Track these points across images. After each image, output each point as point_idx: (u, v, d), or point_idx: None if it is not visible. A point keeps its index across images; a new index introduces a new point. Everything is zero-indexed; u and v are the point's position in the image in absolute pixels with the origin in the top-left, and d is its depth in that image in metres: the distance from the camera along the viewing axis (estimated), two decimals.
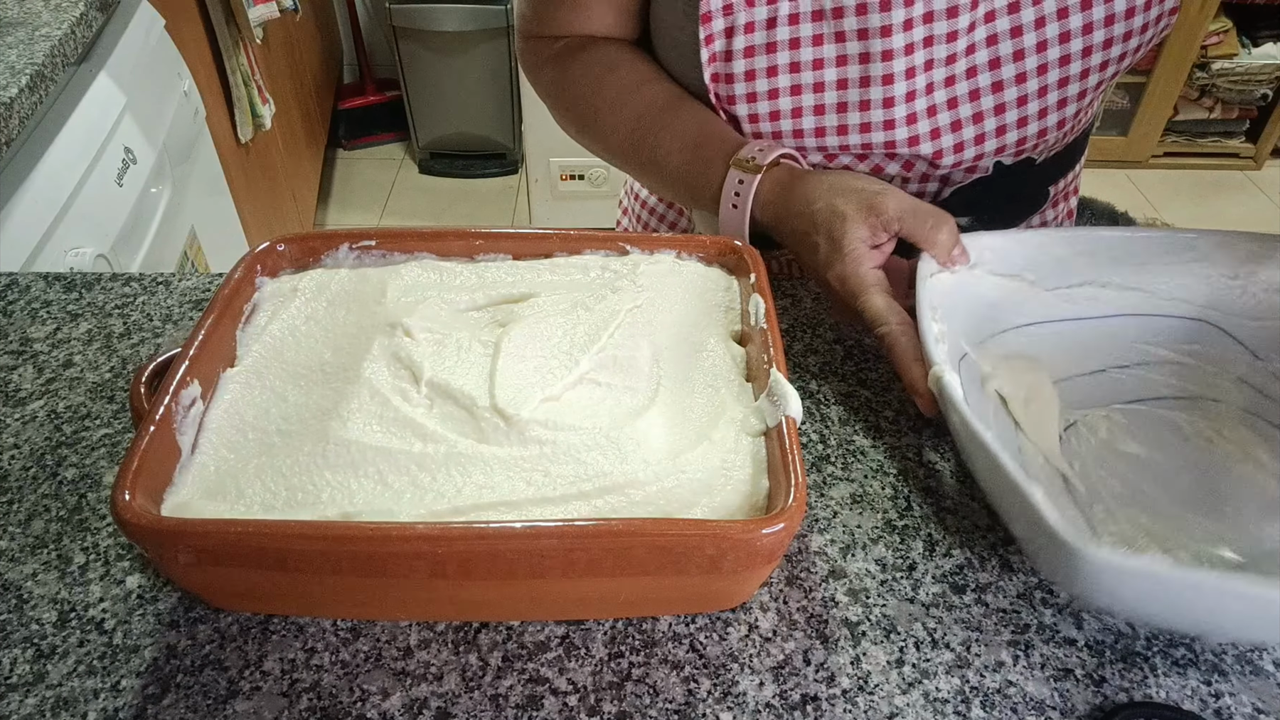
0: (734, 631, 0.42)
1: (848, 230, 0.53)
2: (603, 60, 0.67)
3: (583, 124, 0.69)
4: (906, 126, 0.60)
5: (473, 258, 0.53)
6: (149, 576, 0.44)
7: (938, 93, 0.60)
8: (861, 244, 0.53)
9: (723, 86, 0.61)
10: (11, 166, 0.91)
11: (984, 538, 0.47)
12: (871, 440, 0.52)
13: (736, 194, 0.59)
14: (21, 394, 0.54)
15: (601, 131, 0.68)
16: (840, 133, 0.61)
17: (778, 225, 0.58)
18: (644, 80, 0.66)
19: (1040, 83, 0.60)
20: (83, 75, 1.08)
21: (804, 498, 0.37)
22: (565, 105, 0.70)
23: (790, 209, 0.57)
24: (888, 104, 0.59)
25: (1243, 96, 2.56)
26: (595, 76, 0.67)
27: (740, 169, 0.59)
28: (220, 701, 0.39)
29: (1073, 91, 0.61)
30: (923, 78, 0.59)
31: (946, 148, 0.61)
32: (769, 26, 0.58)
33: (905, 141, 0.61)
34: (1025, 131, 0.62)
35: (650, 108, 0.64)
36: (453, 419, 0.42)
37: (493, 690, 0.40)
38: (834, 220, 0.54)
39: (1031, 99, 0.60)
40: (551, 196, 2.32)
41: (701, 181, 0.61)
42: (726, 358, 0.47)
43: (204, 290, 0.62)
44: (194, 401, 0.42)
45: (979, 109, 0.61)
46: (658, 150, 0.64)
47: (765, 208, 0.58)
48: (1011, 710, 0.40)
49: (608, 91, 0.66)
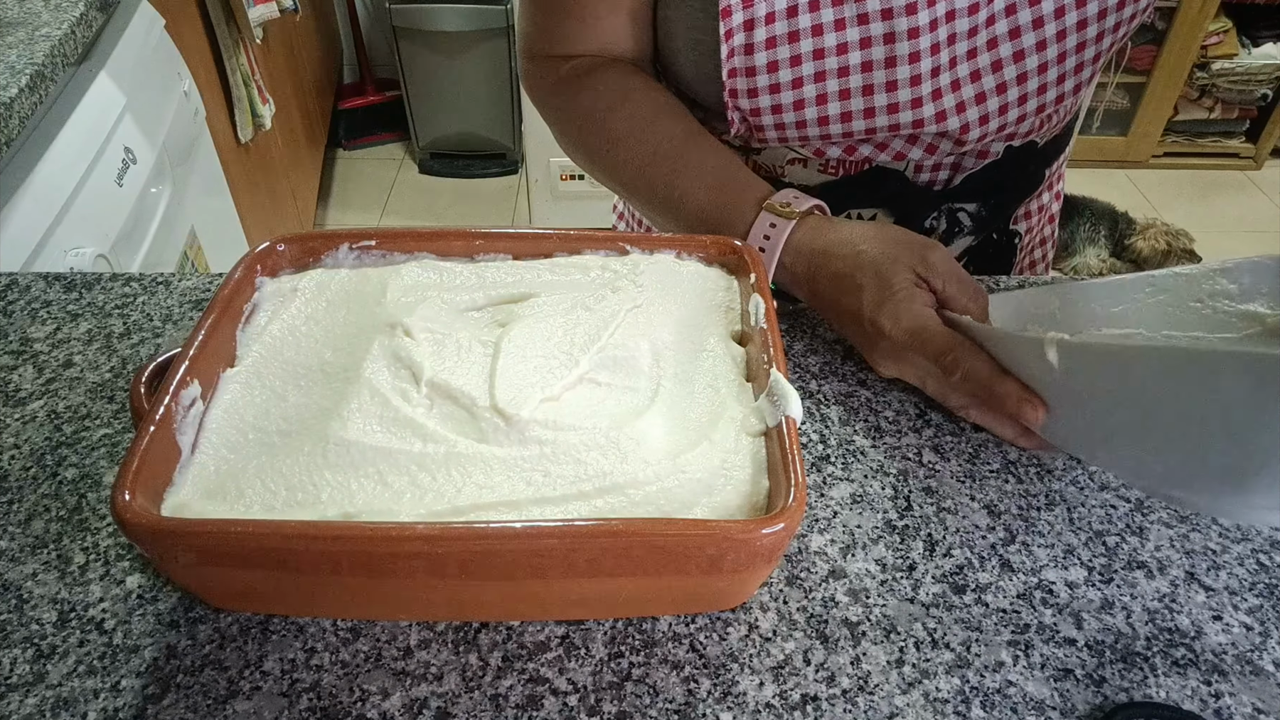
0: (734, 631, 0.42)
1: (898, 270, 0.53)
2: (615, 89, 0.66)
3: (593, 156, 0.68)
4: (933, 103, 0.60)
5: (473, 258, 0.53)
6: (149, 576, 0.44)
7: (961, 66, 0.60)
8: (912, 284, 0.53)
9: (742, 81, 0.61)
10: (11, 166, 0.91)
11: (984, 538, 0.47)
12: (871, 440, 0.52)
13: (766, 237, 0.58)
14: (21, 394, 0.54)
15: (613, 165, 0.66)
16: (867, 116, 0.61)
17: (811, 272, 0.57)
18: (658, 113, 0.65)
19: (1060, 48, 0.60)
20: (83, 75, 1.08)
21: (804, 498, 0.37)
22: (574, 135, 0.69)
23: (830, 252, 0.56)
24: (915, 82, 0.59)
25: (1243, 96, 2.56)
26: (606, 107, 0.65)
27: (773, 213, 0.58)
28: (220, 701, 0.39)
29: (1089, 55, 0.61)
30: (946, 52, 0.59)
31: (973, 121, 0.62)
32: (790, 15, 0.58)
33: (933, 118, 0.61)
34: (1045, 99, 0.62)
35: (666, 143, 0.64)
36: (453, 419, 0.42)
37: (493, 690, 0.40)
38: (883, 261, 0.53)
39: (1051, 65, 0.61)
40: (551, 196, 2.33)
41: (724, 223, 0.61)
42: (726, 358, 0.47)
43: (204, 290, 0.62)
44: (194, 401, 0.42)
45: (1002, 79, 0.61)
46: (674, 189, 0.63)
47: (798, 253, 0.57)
48: (1011, 710, 0.40)
49: (620, 124, 0.65)
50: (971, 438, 0.52)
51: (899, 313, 0.52)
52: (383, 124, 2.72)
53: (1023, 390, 0.47)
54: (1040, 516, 0.48)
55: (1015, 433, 0.51)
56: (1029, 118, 0.63)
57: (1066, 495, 0.49)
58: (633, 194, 0.67)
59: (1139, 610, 0.44)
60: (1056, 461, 0.51)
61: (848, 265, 0.55)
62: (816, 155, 0.66)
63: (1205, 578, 0.46)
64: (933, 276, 0.53)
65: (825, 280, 0.56)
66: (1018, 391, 0.47)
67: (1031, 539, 0.47)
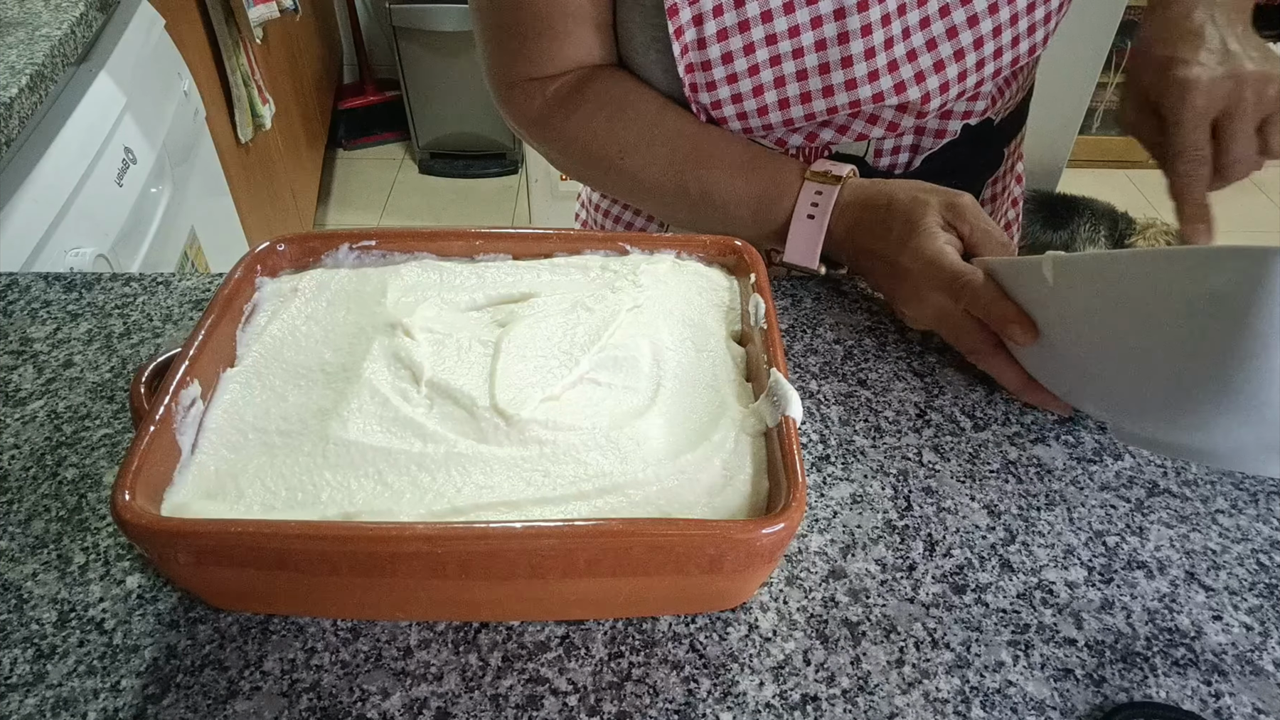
0: (734, 631, 0.42)
1: (926, 214, 0.55)
2: (610, 96, 0.65)
3: (605, 167, 0.67)
4: (890, 75, 0.61)
5: (473, 258, 0.53)
6: (149, 576, 0.44)
7: (915, 36, 0.61)
8: (937, 225, 0.55)
9: (700, 75, 0.61)
10: (11, 166, 0.91)
11: (984, 538, 0.47)
12: (871, 440, 0.52)
13: (814, 204, 0.60)
14: (21, 394, 0.54)
15: (630, 171, 0.66)
16: (826, 94, 0.61)
17: (850, 228, 0.60)
18: (662, 111, 0.65)
19: (1011, 9, 0.61)
20: (83, 75, 1.08)
21: (804, 498, 0.37)
22: (578, 153, 0.67)
23: (867, 204, 0.59)
24: (870, 55, 0.60)
25: None
26: (608, 116, 0.65)
27: (818, 180, 0.61)
28: (220, 701, 0.39)
29: (1039, 15, 0.62)
30: (899, 23, 0.60)
31: (933, 89, 0.62)
32: (737, 4, 0.59)
33: (892, 90, 0.61)
34: (1001, 62, 0.63)
35: (681, 139, 0.64)
36: (453, 419, 0.42)
37: (493, 690, 0.40)
38: (912, 206, 0.56)
39: (1005, 27, 0.62)
40: (551, 196, 2.32)
41: (768, 201, 0.62)
42: (726, 358, 0.47)
43: (204, 290, 0.62)
44: (194, 401, 0.42)
45: (958, 45, 0.61)
46: (705, 182, 0.64)
47: (843, 213, 0.60)
48: (1011, 710, 0.40)
49: (628, 131, 0.65)
50: (971, 438, 0.52)
51: (920, 247, 0.54)
52: (383, 124, 2.72)
53: (1018, 312, 0.49)
54: (1040, 516, 0.48)
55: (1020, 382, 0.53)
56: (987, 82, 0.64)
57: (1066, 495, 0.49)
58: (657, 196, 0.67)
59: (1139, 610, 0.44)
60: (1056, 461, 0.51)
61: (880, 213, 0.58)
62: (779, 145, 0.66)
63: (1205, 578, 0.46)
64: (960, 221, 0.55)
65: (862, 232, 0.59)
66: (1014, 312, 0.49)
67: (1031, 539, 0.47)
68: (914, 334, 0.60)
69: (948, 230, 0.55)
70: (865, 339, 0.59)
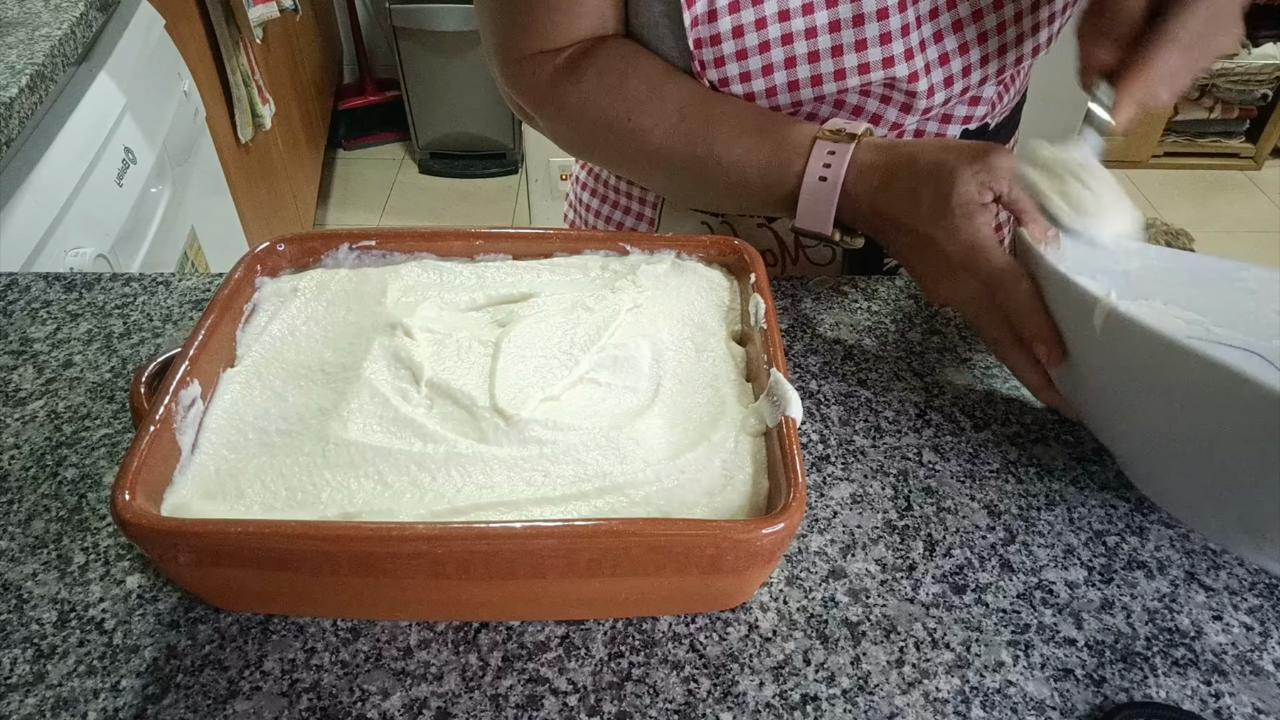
0: (734, 631, 0.42)
1: (957, 182, 0.51)
2: (619, 57, 0.63)
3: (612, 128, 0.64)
4: (906, 63, 0.60)
5: (473, 258, 0.53)
6: (149, 576, 0.44)
7: (925, 26, 0.60)
8: (974, 194, 0.51)
9: (708, 50, 0.60)
10: (11, 166, 0.91)
11: (984, 538, 0.47)
12: (871, 440, 0.52)
13: (826, 165, 0.56)
14: (21, 394, 0.54)
15: (637, 132, 0.63)
16: (838, 78, 0.60)
17: (875, 195, 0.55)
18: (670, 69, 0.63)
19: (1015, 7, 0.61)
20: (83, 75, 1.08)
21: (804, 498, 0.37)
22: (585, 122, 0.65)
23: (890, 166, 0.55)
24: (884, 40, 0.58)
25: (1243, 96, 2.56)
26: (618, 74, 0.63)
27: (830, 139, 0.56)
28: (220, 701, 0.39)
29: (1043, 15, 0.62)
30: (911, 10, 0.59)
31: (938, 82, 0.62)
32: None
33: (906, 78, 0.60)
34: (1005, 60, 0.63)
35: (690, 95, 0.62)
36: (453, 419, 0.42)
37: (493, 690, 0.40)
38: (941, 172, 0.52)
39: (1009, 25, 0.61)
40: (551, 196, 2.33)
41: (777, 164, 0.59)
42: (726, 358, 0.47)
43: (204, 290, 0.62)
44: (194, 401, 0.42)
45: (964, 39, 0.61)
46: (713, 141, 0.61)
47: (862, 175, 0.55)
48: (1011, 710, 0.40)
49: (636, 86, 0.63)
50: (971, 438, 0.52)
51: (956, 227, 0.51)
52: (383, 124, 2.72)
53: (1052, 331, 0.47)
54: (1040, 516, 0.48)
55: (1039, 383, 0.50)
56: (990, 81, 0.64)
57: (1066, 495, 0.49)
58: (664, 162, 0.64)
59: (1139, 610, 0.44)
60: (1056, 461, 0.51)
61: (905, 176, 0.54)
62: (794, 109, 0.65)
63: (1205, 578, 0.46)
64: (996, 180, 0.51)
65: (885, 198, 0.55)
66: (1048, 332, 0.47)
67: (1031, 539, 0.47)
68: (914, 334, 0.60)
69: (983, 191, 0.51)
70: (865, 339, 0.59)
